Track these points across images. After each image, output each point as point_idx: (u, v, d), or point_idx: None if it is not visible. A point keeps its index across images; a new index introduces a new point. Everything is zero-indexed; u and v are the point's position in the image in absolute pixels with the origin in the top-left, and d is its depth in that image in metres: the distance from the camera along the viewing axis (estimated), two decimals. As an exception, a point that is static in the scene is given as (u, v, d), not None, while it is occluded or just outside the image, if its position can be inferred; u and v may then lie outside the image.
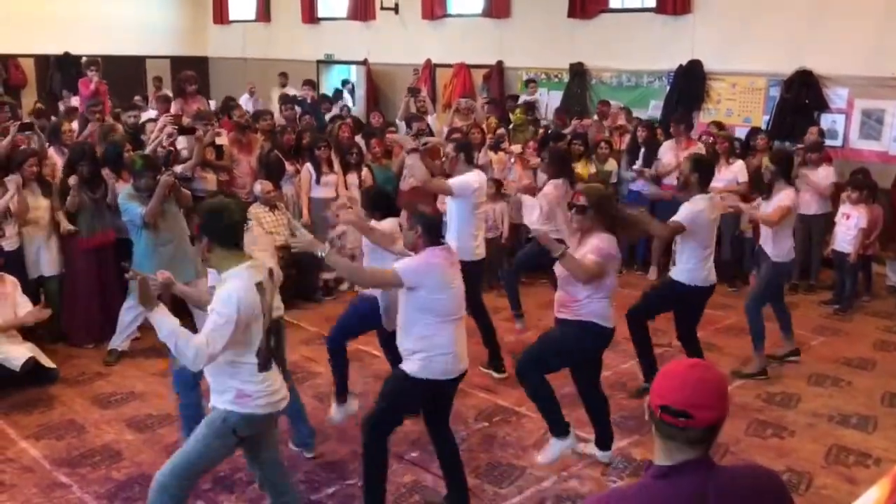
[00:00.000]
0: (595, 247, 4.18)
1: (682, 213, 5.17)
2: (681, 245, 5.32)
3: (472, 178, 5.67)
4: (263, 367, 3.33)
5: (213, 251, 3.28)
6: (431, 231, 3.91)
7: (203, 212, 3.45)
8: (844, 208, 7.40)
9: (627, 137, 9.05)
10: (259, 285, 3.26)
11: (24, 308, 5.54)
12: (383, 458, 3.92)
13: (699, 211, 5.14)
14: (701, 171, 5.25)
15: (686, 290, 5.30)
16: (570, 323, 4.32)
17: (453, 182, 5.64)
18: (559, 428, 4.33)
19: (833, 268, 7.73)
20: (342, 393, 4.95)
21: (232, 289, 3.18)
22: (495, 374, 5.84)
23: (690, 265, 5.26)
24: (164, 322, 3.18)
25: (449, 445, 4.08)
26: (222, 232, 3.26)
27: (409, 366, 3.83)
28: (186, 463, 3.35)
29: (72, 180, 6.12)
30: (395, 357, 4.95)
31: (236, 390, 3.30)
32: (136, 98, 11.01)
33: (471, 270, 5.71)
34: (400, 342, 3.92)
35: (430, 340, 3.77)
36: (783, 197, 5.73)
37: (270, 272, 3.45)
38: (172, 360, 4.15)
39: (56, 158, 6.98)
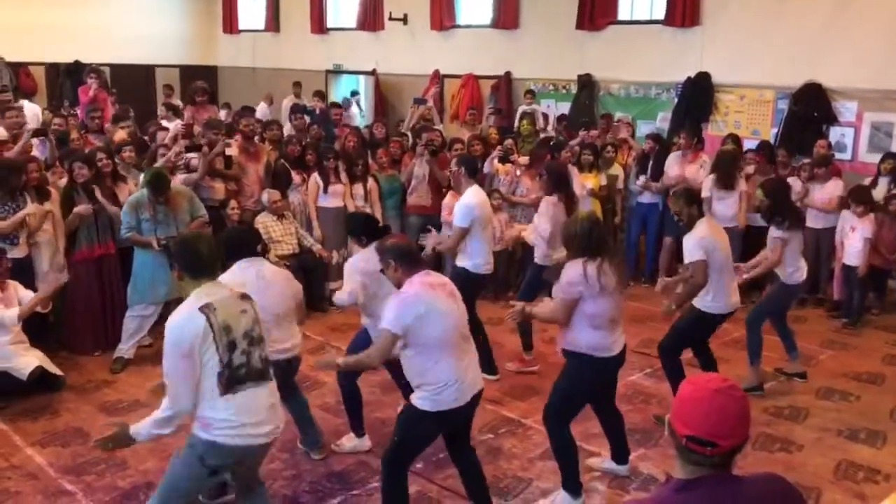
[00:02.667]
0: (560, 284, 4.12)
1: (693, 251, 5.04)
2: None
3: (469, 202, 5.68)
4: (226, 388, 3.19)
5: (185, 279, 3.35)
6: (405, 258, 3.72)
7: (175, 242, 3.61)
8: (851, 222, 7.37)
9: (632, 152, 9.03)
10: (206, 307, 3.17)
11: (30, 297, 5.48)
12: (403, 494, 3.82)
13: (702, 238, 5.03)
14: (696, 203, 5.21)
15: (711, 318, 5.27)
16: (568, 354, 4.23)
17: (455, 218, 5.73)
18: (572, 486, 4.24)
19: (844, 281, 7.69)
20: (358, 428, 4.89)
21: (168, 327, 3.19)
22: (489, 377, 5.78)
23: (716, 291, 5.14)
24: (141, 430, 3.27)
25: (471, 463, 4.04)
26: (189, 262, 3.33)
27: (419, 400, 3.69)
28: (165, 491, 3.32)
29: (81, 209, 6.12)
30: (398, 378, 4.94)
31: (202, 418, 3.22)
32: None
33: (476, 284, 5.72)
34: (406, 375, 3.80)
35: (433, 374, 3.62)
36: (776, 230, 5.70)
37: (246, 296, 3.40)
38: None
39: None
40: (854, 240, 7.32)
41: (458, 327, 3.71)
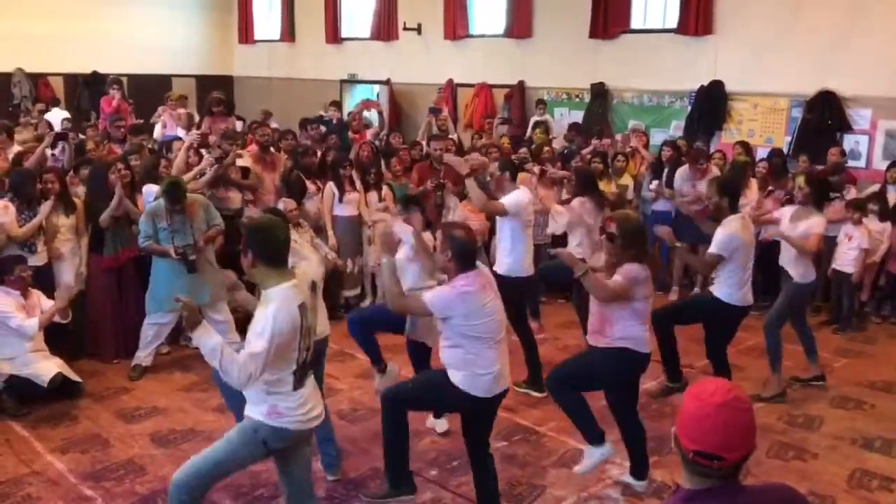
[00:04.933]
0: (624, 270, 4.17)
1: (718, 241, 5.14)
2: (720, 266, 5.27)
3: (522, 196, 5.71)
4: (299, 384, 3.38)
5: (258, 267, 3.32)
6: (463, 256, 3.85)
7: (249, 227, 3.56)
8: (846, 229, 7.34)
9: (644, 161, 9.02)
10: (302, 306, 3.30)
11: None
12: (401, 427, 3.98)
13: (732, 234, 5.10)
14: (728, 194, 5.22)
15: (722, 307, 5.27)
16: (605, 351, 4.28)
17: (506, 201, 5.63)
18: (593, 436, 4.31)
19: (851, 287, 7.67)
20: (378, 362, 5.09)
21: (271, 313, 3.20)
22: (535, 394, 5.77)
23: (730, 284, 5.22)
24: (207, 341, 3.20)
25: (485, 470, 4.09)
26: (267, 249, 3.31)
27: (454, 376, 3.87)
28: (211, 463, 3.41)
29: (117, 193, 6.17)
30: (419, 366, 5.01)
31: (270, 406, 3.35)
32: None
33: (521, 286, 5.73)
34: (442, 356, 3.96)
35: (473, 362, 3.83)
36: (816, 224, 5.70)
37: (314, 286, 3.50)
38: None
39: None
40: (847, 247, 7.31)
41: (501, 325, 3.92)
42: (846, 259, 7.35)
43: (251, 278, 3.42)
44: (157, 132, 9.73)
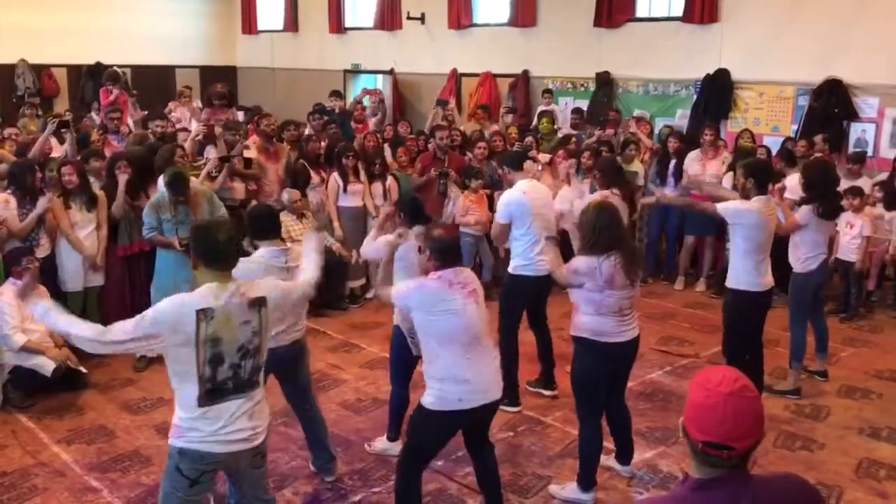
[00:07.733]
0: (569, 266, 4.21)
1: (727, 207, 5.02)
2: (731, 250, 5.20)
3: (510, 196, 5.45)
4: (206, 400, 3.04)
5: (199, 268, 3.15)
6: (442, 255, 3.75)
7: (193, 227, 3.43)
8: (847, 217, 7.26)
9: (646, 149, 8.97)
10: (203, 312, 2.98)
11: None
12: (415, 497, 3.86)
13: (745, 209, 4.96)
14: (756, 175, 5.09)
15: (743, 296, 5.13)
16: (575, 340, 4.27)
17: (501, 215, 5.44)
18: (587, 482, 4.29)
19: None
20: (393, 431, 4.85)
21: (160, 307, 3.02)
22: (545, 392, 5.67)
23: (747, 270, 5.09)
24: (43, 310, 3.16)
25: (486, 464, 4.05)
26: (204, 251, 3.14)
27: (425, 397, 3.73)
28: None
29: (121, 182, 6.20)
30: None
31: (174, 423, 3.11)
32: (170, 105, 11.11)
33: (533, 286, 5.47)
34: (423, 369, 3.83)
35: (441, 368, 3.66)
36: (802, 211, 5.64)
37: (258, 302, 3.15)
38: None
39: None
40: (850, 236, 7.27)
41: (468, 328, 3.67)
42: (849, 248, 7.30)
43: (196, 281, 3.19)
44: None
